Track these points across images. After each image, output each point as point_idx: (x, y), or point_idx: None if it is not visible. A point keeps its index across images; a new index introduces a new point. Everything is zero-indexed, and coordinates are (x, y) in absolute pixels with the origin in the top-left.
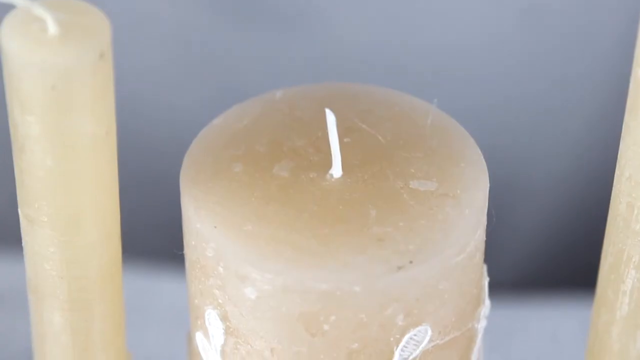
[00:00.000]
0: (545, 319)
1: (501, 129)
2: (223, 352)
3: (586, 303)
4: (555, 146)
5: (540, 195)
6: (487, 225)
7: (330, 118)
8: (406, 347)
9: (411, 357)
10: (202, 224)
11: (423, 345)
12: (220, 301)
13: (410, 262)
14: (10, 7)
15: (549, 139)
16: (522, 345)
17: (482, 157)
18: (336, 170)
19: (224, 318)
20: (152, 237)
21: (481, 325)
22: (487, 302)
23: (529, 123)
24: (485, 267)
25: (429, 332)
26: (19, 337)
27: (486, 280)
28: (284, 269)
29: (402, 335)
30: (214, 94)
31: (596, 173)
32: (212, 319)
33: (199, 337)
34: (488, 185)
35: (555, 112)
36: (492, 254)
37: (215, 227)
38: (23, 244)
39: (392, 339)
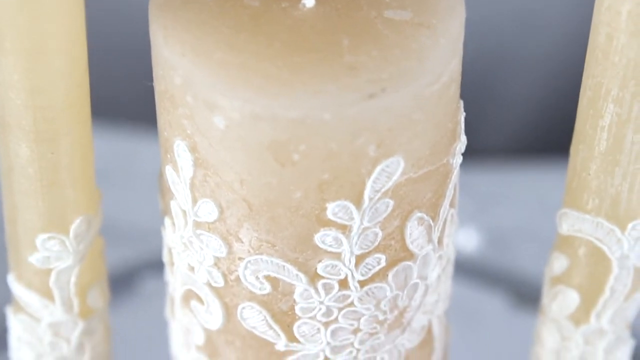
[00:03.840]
0: (533, 184)
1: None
2: (192, 185)
3: None
4: (546, 16)
5: (530, 64)
6: (475, 95)
7: None
8: (378, 178)
9: (383, 189)
10: (171, 52)
11: (395, 177)
12: (189, 132)
13: (383, 90)
14: None
15: (539, 9)
16: (510, 210)
17: None
18: (308, 0)
19: (192, 149)
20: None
21: (456, 161)
22: (463, 138)
23: None
24: (461, 103)
25: (402, 164)
26: None
27: (462, 116)
28: (253, 97)
29: (374, 166)
30: None
31: (587, 41)
32: (181, 150)
33: (168, 170)
34: (464, 15)
35: None
36: (481, 122)
37: (183, 54)
38: None
39: (363, 170)
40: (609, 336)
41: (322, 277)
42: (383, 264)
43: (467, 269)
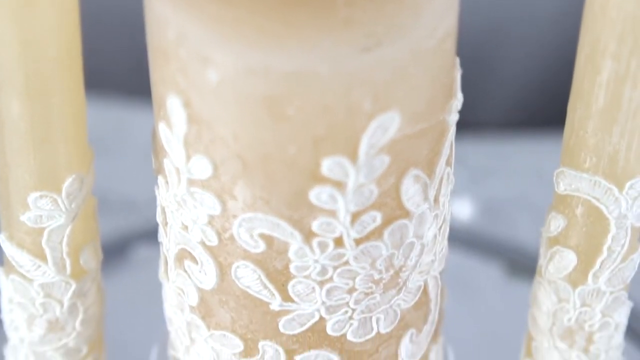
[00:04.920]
0: (528, 156)
1: None
2: (186, 141)
3: None
4: None
5: (526, 38)
6: (472, 69)
7: None
8: (374, 134)
9: (379, 145)
10: (164, 6)
11: (391, 133)
12: (182, 87)
13: (378, 44)
14: None
15: None
16: (505, 181)
17: None
18: None
19: (186, 105)
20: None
21: (453, 118)
22: (460, 95)
23: None
24: (457, 60)
25: (398, 120)
26: None
27: (458, 73)
28: (247, 51)
29: (370, 121)
30: None
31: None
32: (174, 106)
33: (161, 127)
34: None
35: None
36: (477, 96)
37: (177, 9)
38: None
39: (359, 125)
40: (607, 297)
41: (317, 235)
42: (379, 222)
43: (463, 239)
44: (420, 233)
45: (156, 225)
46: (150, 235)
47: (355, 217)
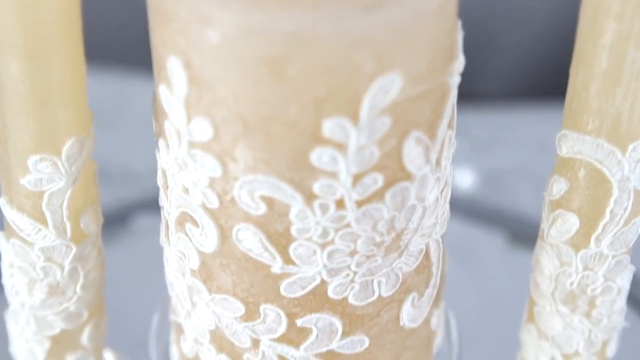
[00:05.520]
0: (530, 127)
1: None
2: (186, 103)
3: None
4: None
5: (528, 9)
6: (474, 40)
7: None
8: (375, 95)
9: (380, 107)
10: None
11: (392, 94)
12: (182, 47)
13: (380, 3)
14: None
15: None
16: (507, 151)
17: None
18: None
19: (186, 66)
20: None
21: (454, 80)
22: (461, 58)
23: None
24: (459, 22)
25: (399, 81)
26: None
27: (460, 35)
28: (248, 10)
29: (371, 82)
30: None
31: None
32: (174, 67)
33: (162, 89)
34: None
35: None
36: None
37: None
38: None
39: (360, 86)
40: (609, 261)
41: (318, 197)
42: (380, 184)
43: (465, 208)
44: (422, 196)
45: (157, 196)
46: (150, 205)
47: (356, 178)
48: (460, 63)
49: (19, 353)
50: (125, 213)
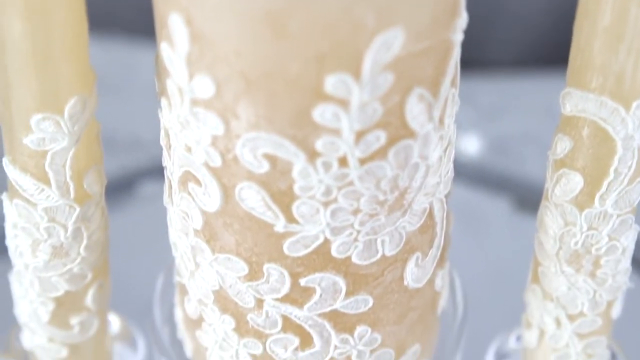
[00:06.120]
0: (537, 94)
1: None
2: (188, 60)
3: None
4: None
5: None
6: (481, 8)
7: None
8: (378, 50)
9: (383, 62)
10: None
11: (395, 49)
12: (183, 4)
13: None
14: None
15: None
16: (514, 118)
17: None
18: None
19: (188, 22)
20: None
21: (457, 37)
22: (465, 15)
23: None
24: None
25: (401, 36)
26: None
27: None
28: None
29: (373, 37)
30: None
31: None
32: (176, 24)
33: (164, 47)
34: None
35: None
36: (487, 35)
37: None
38: None
39: (362, 41)
40: (614, 220)
41: (321, 155)
42: (383, 141)
43: (471, 174)
44: (425, 154)
45: (162, 163)
46: (156, 172)
47: (359, 136)
48: (463, 20)
49: (23, 315)
50: (131, 180)
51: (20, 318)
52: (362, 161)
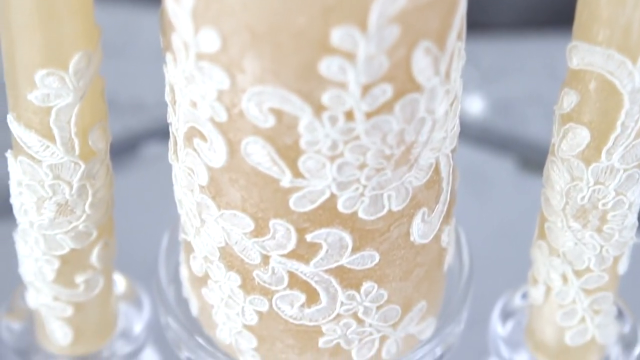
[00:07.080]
0: (541, 56)
1: None
2: (194, 13)
3: None
4: None
5: None
6: None
7: None
8: (384, 3)
9: (389, 15)
10: None
11: (401, 2)
12: None
13: None
14: None
15: None
16: (518, 79)
17: None
18: None
19: None
20: None
21: None
22: None
23: None
24: None
25: None
26: None
27: None
28: None
29: None
30: None
31: None
32: None
33: (169, 1)
34: None
35: None
36: None
37: None
38: None
39: None
40: (620, 175)
41: (327, 108)
42: (389, 95)
43: (475, 135)
44: (432, 108)
45: (166, 124)
46: (160, 133)
47: (365, 89)
48: None
49: (27, 273)
50: (134, 142)
51: (25, 277)
52: (369, 115)
